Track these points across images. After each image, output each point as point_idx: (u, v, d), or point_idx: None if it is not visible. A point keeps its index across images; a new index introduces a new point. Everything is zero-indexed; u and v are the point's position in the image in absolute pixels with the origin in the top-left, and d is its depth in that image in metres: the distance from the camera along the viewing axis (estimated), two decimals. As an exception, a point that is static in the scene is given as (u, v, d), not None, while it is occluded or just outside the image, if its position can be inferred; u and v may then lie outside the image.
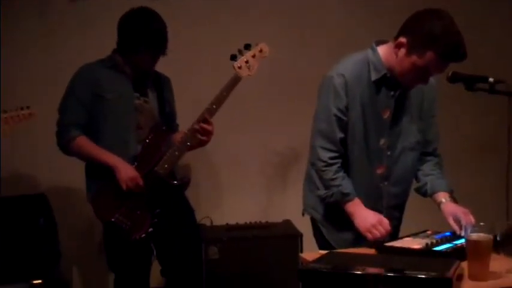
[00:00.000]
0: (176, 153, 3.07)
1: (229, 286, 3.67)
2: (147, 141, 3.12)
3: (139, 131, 3.13)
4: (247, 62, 3.08)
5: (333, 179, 2.59)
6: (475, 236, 2.09)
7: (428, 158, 2.78)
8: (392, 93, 2.59)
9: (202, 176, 4.21)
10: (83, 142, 3.07)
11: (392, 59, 2.51)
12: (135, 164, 3.08)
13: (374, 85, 2.57)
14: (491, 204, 2.56)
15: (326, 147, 2.60)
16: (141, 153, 3.10)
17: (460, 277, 2.03)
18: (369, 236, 2.51)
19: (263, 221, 4.00)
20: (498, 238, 2.14)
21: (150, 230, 3.05)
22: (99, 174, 3.06)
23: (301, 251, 3.56)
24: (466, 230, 2.39)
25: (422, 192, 2.76)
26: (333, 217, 2.72)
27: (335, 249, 2.57)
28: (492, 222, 2.34)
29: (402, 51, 2.47)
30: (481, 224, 2.24)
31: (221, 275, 3.65)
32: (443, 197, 2.64)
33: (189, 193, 3.38)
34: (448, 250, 2.32)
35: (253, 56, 3.09)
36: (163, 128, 3.19)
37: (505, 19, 4.64)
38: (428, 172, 2.75)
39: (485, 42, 4.29)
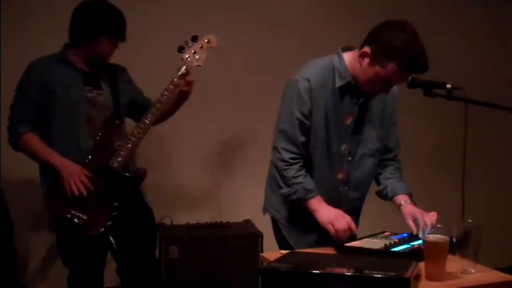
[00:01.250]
0: (129, 145, 3.04)
1: (189, 286, 3.66)
2: (100, 135, 3.06)
3: (91, 124, 3.07)
4: (194, 52, 3.11)
5: (295, 177, 2.62)
6: (432, 237, 2.14)
7: (389, 162, 2.83)
8: (355, 100, 2.62)
9: (163, 175, 4.20)
10: (30, 140, 3.02)
11: (357, 67, 2.55)
12: (89, 158, 3.03)
13: (338, 91, 2.60)
14: (447, 207, 2.62)
15: (288, 149, 2.63)
16: (93, 148, 3.05)
17: (417, 277, 2.08)
18: (331, 227, 2.52)
19: (223, 220, 4.01)
20: (454, 240, 2.19)
21: (109, 223, 3.01)
22: (52, 170, 3.01)
23: (262, 251, 3.58)
24: (423, 231, 2.45)
25: (383, 195, 2.81)
26: (294, 219, 2.75)
27: (294, 248, 2.60)
28: (449, 225, 2.41)
29: (366, 60, 2.50)
30: (438, 226, 2.30)
31: (181, 274, 3.65)
32: (403, 200, 2.70)
33: (149, 192, 3.37)
34: (406, 251, 2.37)
35: (201, 47, 3.12)
36: (116, 121, 3.12)
37: (465, 27, 4.75)
38: (388, 176, 2.81)
39: (444, 49, 4.39)
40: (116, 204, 3.03)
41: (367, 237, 2.59)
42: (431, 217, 2.55)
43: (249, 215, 3.97)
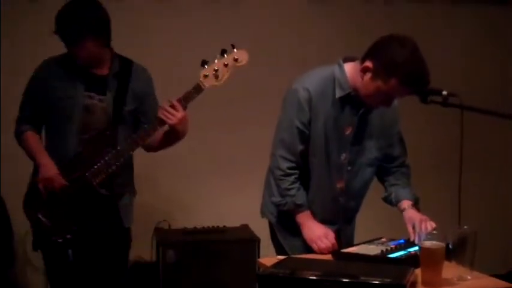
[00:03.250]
0: (112, 166, 2.86)
1: (186, 290, 3.67)
2: (86, 145, 2.93)
3: (84, 133, 2.94)
4: (216, 70, 2.77)
5: (288, 189, 2.66)
6: (428, 244, 2.16)
7: (394, 169, 2.84)
8: (355, 111, 2.64)
9: (160, 180, 4.21)
10: (28, 138, 2.98)
11: (358, 79, 2.56)
12: (70, 167, 2.92)
13: (338, 102, 2.62)
14: (444, 213, 2.63)
15: (286, 157, 2.66)
16: (76, 157, 2.93)
17: (414, 284, 2.09)
18: (314, 246, 2.61)
19: (221, 225, 4.02)
20: (450, 246, 2.20)
21: (68, 236, 2.89)
22: (36, 171, 2.98)
23: (259, 256, 3.59)
24: (419, 237, 2.47)
25: (389, 201, 2.82)
26: (286, 222, 2.77)
27: (289, 254, 2.63)
28: (445, 231, 2.42)
29: (368, 75, 2.51)
30: (434, 232, 2.31)
31: (178, 278, 3.66)
32: (406, 205, 2.72)
33: (148, 197, 3.37)
34: (403, 257, 2.38)
35: (226, 65, 2.77)
36: (107, 132, 2.94)
37: (461, 33, 4.77)
38: (394, 182, 2.82)
39: (440, 56, 4.41)
40: (80, 218, 2.90)
41: (363, 243, 2.60)
42: (430, 224, 2.56)
43: (246, 220, 3.98)
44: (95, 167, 2.87)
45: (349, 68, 2.62)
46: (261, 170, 2.92)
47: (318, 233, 2.62)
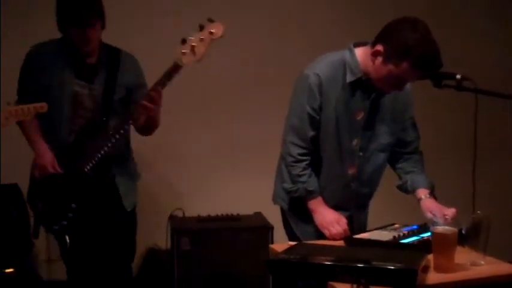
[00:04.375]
0: (102, 151, 2.88)
1: (200, 277, 3.68)
2: (78, 134, 2.97)
3: (74, 121, 2.97)
4: (193, 46, 2.73)
5: (300, 175, 2.65)
6: (440, 229, 2.14)
7: (408, 156, 2.81)
8: (367, 95, 2.62)
9: (174, 168, 4.21)
10: (26, 124, 2.96)
11: (369, 64, 2.54)
12: (64, 155, 2.96)
13: (349, 86, 2.60)
14: (458, 198, 2.61)
15: (297, 144, 2.65)
16: (69, 146, 2.96)
17: (426, 269, 2.07)
18: (326, 232, 2.60)
19: (234, 213, 4.03)
20: (463, 232, 2.18)
21: (64, 223, 2.92)
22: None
23: (272, 243, 3.58)
24: (434, 223, 2.44)
25: (404, 189, 2.80)
26: (298, 209, 2.76)
27: (301, 240, 2.62)
28: (458, 216, 2.40)
29: (379, 59, 2.49)
30: (447, 217, 2.29)
31: (192, 266, 3.67)
32: (423, 194, 2.69)
33: (161, 185, 3.37)
34: (415, 243, 2.37)
35: (202, 40, 2.74)
36: (98, 120, 2.97)
37: (474, 17, 4.71)
38: (409, 170, 2.79)
39: (453, 40, 4.36)
40: (74, 205, 2.91)
41: (376, 229, 2.59)
42: (450, 212, 2.52)
43: (259, 207, 3.98)
44: (87, 153, 2.89)
45: (360, 52, 2.60)
46: (274, 157, 2.91)
47: (330, 219, 2.62)
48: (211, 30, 2.74)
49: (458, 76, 2.38)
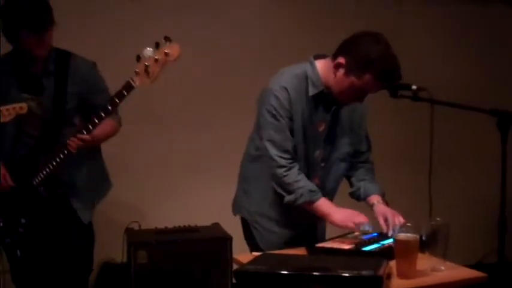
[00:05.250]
0: (52, 164, 2.86)
1: (158, 290, 3.65)
2: (32, 147, 2.92)
3: (24, 135, 2.94)
4: (147, 66, 2.62)
5: (296, 181, 2.62)
6: (403, 236, 2.19)
7: (361, 165, 2.87)
8: (328, 108, 2.66)
9: (130, 180, 4.17)
10: None
11: (331, 76, 2.58)
12: (15, 168, 2.93)
13: (312, 99, 2.63)
14: (415, 205, 2.67)
15: (281, 156, 2.62)
16: (22, 159, 2.93)
17: (388, 276, 2.11)
18: (351, 224, 2.58)
19: (192, 224, 4.00)
20: (424, 238, 2.24)
21: (15, 237, 2.91)
22: None
23: (231, 254, 3.58)
24: (394, 231, 2.50)
25: (356, 196, 2.85)
26: (265, 221, 2.78)
27: (263, 251, 2.62)
28: (417, 223, 2.46)
29: (341, 71, 2.53)
30: (408, 224, 2.34)
31: (150, 279, 3.63)
32: (375, 200, 2.75)
33: (118, 197, 3.34)
34: (377, 250, 2.41)
35: (156, 60, 2.62)
36: (51, 133, 2.92)
37: (427, 28, 4.83)
38: (361, 178, 2.85)
39: (407, 51, 4.46)
40: (23, 220, 2.90)
41: (337, 237, 2.62)
42: (401, 218, 2.60)
43: (217, 218, 3.97)
44: (39, 167, 2.87)
45: (320, 65, 2.64)
46: (230, 168, 2.92)
47: (348, 213, 2.61)
48: (167, 51, 2.63)
49: (414, 87, 2.44)
